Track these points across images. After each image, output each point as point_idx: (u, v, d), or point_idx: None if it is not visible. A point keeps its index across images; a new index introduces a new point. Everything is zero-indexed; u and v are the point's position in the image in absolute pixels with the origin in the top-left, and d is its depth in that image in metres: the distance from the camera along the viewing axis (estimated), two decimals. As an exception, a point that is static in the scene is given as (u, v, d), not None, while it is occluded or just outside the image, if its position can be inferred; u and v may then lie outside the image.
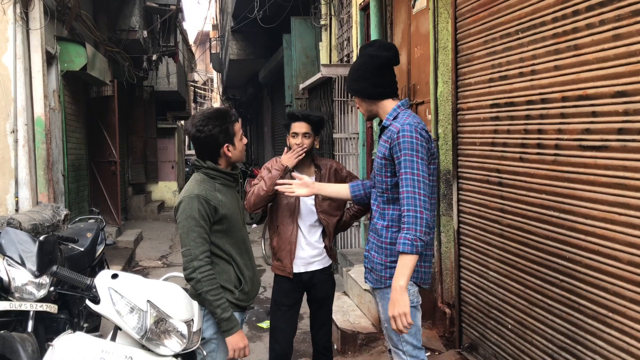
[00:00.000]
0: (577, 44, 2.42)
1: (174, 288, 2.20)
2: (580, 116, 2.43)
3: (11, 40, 5.84)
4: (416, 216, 2.19)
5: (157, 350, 2.05)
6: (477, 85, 3.33)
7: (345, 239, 6.36)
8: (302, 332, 4.89)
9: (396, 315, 2.15)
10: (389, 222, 2.40)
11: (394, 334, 2.37)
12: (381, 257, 2.40)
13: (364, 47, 2.56)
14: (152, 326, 2.02)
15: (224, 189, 2.43)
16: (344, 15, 6.84)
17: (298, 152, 2.94)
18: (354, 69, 2.51)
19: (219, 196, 2.37)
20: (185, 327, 2.08)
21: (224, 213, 2.35)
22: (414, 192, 2.21)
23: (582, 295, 2.45)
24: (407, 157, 2.24)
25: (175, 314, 2.07)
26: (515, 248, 2.98)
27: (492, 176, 3.18)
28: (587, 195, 2.40)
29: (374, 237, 2.46)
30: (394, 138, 2.28)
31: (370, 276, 2.48)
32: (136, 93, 13.11)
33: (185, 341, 2.09)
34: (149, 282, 2.18)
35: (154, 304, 2.04)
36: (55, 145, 6.75)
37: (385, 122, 2.41)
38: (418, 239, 2.17)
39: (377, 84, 2.44)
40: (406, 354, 2.40)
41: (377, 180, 2.43)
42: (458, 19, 3.54)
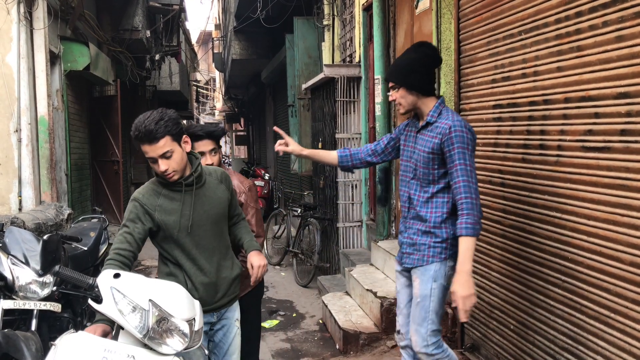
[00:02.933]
0: (580, 45, 2.43)
1: (175, 287, 2.21)
2: (582, 117, 2.43)
3: (15, 39, 5.86)
4: (473, 202, 2.44)
5: (159, 349, 2.06)
6: (479, 86, 3.34)
7: (347, 240, 6.37)
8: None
9: (465, 296, 2.38)
10: (433, 209, 2.61)
11: (424, 310, 2.58)
12: (426, 239, 2.62)
13: (418, 46, 2.76)
14: (155, 325, 2.03)
15: (173, 195, 2.33)
16: (346, 16, 6.85)
17: None
18: (408, 63, 2.66)
19: (158, 201, 2.31)
20: (187, 326, 2.09)
21: (160, 219, 2.30)
22: (469, 181, 2.46)
23: (584, 295, 2.46)
24: (460, 149, 2.48)
25: (177, 313, 2.08)
26: (517, 249, 2.98)
27: (495, 177, 3.19)
28: (590, 196, 2.41)
29: (416, 223, 2.67)
30: (446, 133, 2.50)
31: (410, 258, 2.68)
32: (139, 93, 13.14)
33: (187, 340, 2.10)
34: (151, 282, 2.19)
35: (156, 303, 2.04)
36: (58, 145, 6.77)
37: (430, 119, 2.62)
38: (477, 223, 2.44)
39: (429, 81, 2.66)
40: (427, 333, 2.59)
41: (422, 173, 2.62)
42: (461, 19, 3.55)
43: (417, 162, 2.65)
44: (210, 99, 36.78)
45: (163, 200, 2.32)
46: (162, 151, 2.21)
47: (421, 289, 2.60)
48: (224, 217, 2.48)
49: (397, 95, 2.68)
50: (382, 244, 5.02)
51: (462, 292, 2.38)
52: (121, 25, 9.89)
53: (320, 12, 7.77)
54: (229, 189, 2.53)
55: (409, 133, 2.79)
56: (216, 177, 2.50)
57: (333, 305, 4.82)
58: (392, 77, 2.72)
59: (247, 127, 23.30)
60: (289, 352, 4.43)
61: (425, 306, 2.56)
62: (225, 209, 2.48)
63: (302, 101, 8.38)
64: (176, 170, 2.26)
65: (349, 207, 6.37)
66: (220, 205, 2.45)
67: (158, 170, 2.25)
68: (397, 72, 2.69)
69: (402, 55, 2.76)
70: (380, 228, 5.29)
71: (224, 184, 2.51)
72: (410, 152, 2.72)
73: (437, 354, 2.59)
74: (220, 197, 2.45)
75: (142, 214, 2.29)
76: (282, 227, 8.04)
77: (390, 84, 2.73)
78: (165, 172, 2.24)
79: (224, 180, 2.52)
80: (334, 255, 6.58)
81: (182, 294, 2.18)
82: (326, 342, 4.60)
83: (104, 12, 9.47)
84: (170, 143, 2.22)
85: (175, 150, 2.24)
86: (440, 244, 2.57)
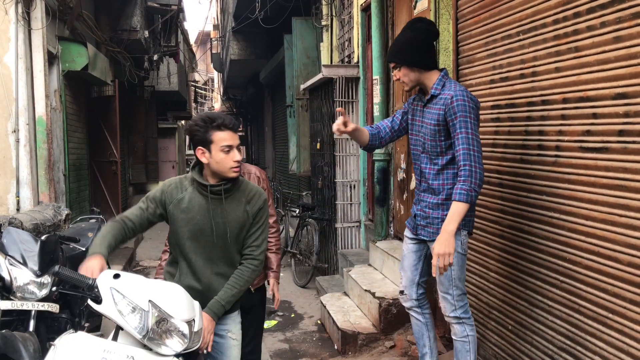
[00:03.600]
0: (578, 46, 2.43)
1: (175, 288, 2.21)
2: (580, 118, 2.44)
3: (13, 40, 5.84)
4: (472, 170, 2.53)
5: (159, 350, 2.06)
6: (478, 86, 3.34)
7: (345, 240, 6.37)
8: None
9: (442, 254, 2.51)
10: (444, 181, 2.71)
11: (447, 279, 2.71)
12: (438, 212, 2.72)
13: (414, 22, 2.85)
14: (154, 326, 2.03)
15: (196, 196, 2.36)
16: (345, 16, 6.85)
17: None
18: (407, 41, 2.74)
19: (179, 196, 2.37)
20: (186, 327, 2.09)
21: (172, 212, 2.36)
22: (469, 149, 2.55)
23: (582, 296, 2.46)
24: (462, 118, 2.57)
25: (176, 313, 2.08)
26: (515, 249, 2.99)
27: (493, 177, 3.19)
28: (588, 196, 2.41)
29: (428, 196, 2.77)
30: (448, 103, 2.60)
31: (425, 231, 2.80)
32: (137, 93, 13.12)
33: (186, 341, 2.10)
34: (150, 282, 2.19)
35: (155, 303, 2.04)
36: (56, 145, 6.76)
37: (435, 92, 2.70)
38: (473, 190, 2.53)
39: (429, 55, 2.75)
40: (454, 298, 2.73)
41: (430, 146, 2.72)
42: (459, 20, 3.55)
43: (425, 135, 2.75)
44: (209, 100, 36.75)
45: (185, 196, 2.37)
46: (238, 142, 2.36)
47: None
48: (234, 236, 2.39)
49: (400, 74, 2.78)
50: (380, 244, 5.02)
51: (439, 249, 2.52)
52: (119, 25, 9.87)
53: (319, 12, 7.77)
54: (252, 213, 2.41)
55: (416, 107, 2.89)
56: (246, 195, 2.42)
57: (331, 305, 4.82)
58: (392, 57, 2.81)
59: (245, 128, 23.28)
60: (288, 353, 4.43)
61: (448, 275, 2.70)
62: (238, 229, 2.38)
63: (300, 101, 8.38)
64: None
65: (347, 207, 6.38)
66: (235, 224, 2.37)
67: (232, 160, 2.30)
68: (396, 51, 2.78)
69: (399, 35, 2.86)
70: (378, 228, 5.30)
71: (249, 205, 2.41)
72: (419, 126, 2.83)
73: (465, 318, 2.76)
74: (238, 217, 2.37)
75: (159, 200, 2.37)
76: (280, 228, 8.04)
77: (392, 64, 2.82)
78: (238, 163, 2.33)
79: (252, 201, 2.42)
80: (332, 256, 6.58)
81: (181, 295, 2.18)
82: (324, 342, 4.59)
83: (102, 12, 9.46)
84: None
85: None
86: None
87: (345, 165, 6.36)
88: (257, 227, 2.43)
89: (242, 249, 2.44)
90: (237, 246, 2.42)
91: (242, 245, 2.43)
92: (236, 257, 2.44)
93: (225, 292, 2.38)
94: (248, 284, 2.44)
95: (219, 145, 2.29)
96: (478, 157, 2.56)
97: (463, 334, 2.77)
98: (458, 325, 2.78)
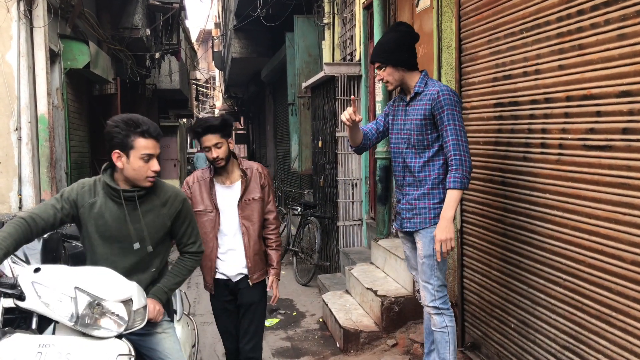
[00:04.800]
0: (582, 44, 2.42)
1: (104, 271, 2.17)
2: (584, 116, 2.43)
3: (15, 38, 5.85)
4: (462, 158, 2.69)
5: (97, 333, 2.03)
6: (480, 84, 3.33)
7: (347, 238, 6.37)
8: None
9: (443, 239, 2.66)
10: (430, 172, 2.83)
11: (429, 268, 2.83)
12: (424, 202, 2.84)
13: (397, 25, 3.03)
14: (86, 311, 2.01)
15: (108, 201, 2.28)
16: (347, 14, 6.84)
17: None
18: (392, 42, 2.86)
19: (91, 200, 2.29)
20: (122, 307, 2.06)
21: (83, 216, 2.28)
22: (458, 139, 2.71)
23: (586, 294, 2.46)
24: (449, 111, 2.72)
25: (108, 295, 2.05)
26: (518, 247, 2.98)
27: (496, 175, 3.18)
28: (591, 194, 2.40)
29: (413, 189, 2.88)
30: (435, 98, 2.75)
31: (411, 222, 2.89)
32: (139, 91, 13.12)
33: (125, 321, 2.07)
34: (76, 270, 2.16)
35: (82, 289, 2.02)
36: (58, 143, 6.76)
37: (418, 89, 2.86)
38: (465, 177, 2.68)
39: (412, 56, 2.89)
40: (434, 288, 2.84)
41: (417, 140, 2.84)
42: (462, 17, 3.54)
43: (410, 131, 2.87)
44: (210, 98, 36.75)
45: (97, 201, 2.29)
46: (159, 152, 2.30)
47: (424, 249, 2.84)
48: (153, 242, 2.34)
49: (385, 73, 2.89)
50: (382, 242, 5.02)
51: (440, 236, 2.67)
52: (121, 23, 9.88)
53: (321, 10, 7.76)
54: (170, 216, 2.37)
55: (397, 108, 3.03)
56: (161, 199, 2.36)
57: (333, 304, 4.82)
58: (377, 57, 2.91)
59: (246, 126, 23.29)
60: (289, 351, 4.43)
61: (431, 265, 2.82)
62: (156, 235, 2.34)
63: (302, 100, 8.37)
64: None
65: (349, 205, 6.37)
66: (152, 230, 2.32)
67: (150, 169, 2.25)
68: (381, 51, 2.88)
69: (383, 37, 3.00)
70: (380, 227, 5.29)
71: (165, 208, 2.36)
72: (401, 124, 2.95)
73: (444, 308, 2.86)
74: (155, 222, 2.33)
75: (73, 201, 2.27)
76: (282, 226, 8.04)
77: (377, 64, 2.92)
78: (155, 173, 2.28)
79: (168, 204, 2.37)
80: (334, 254, 6.58)
81: (112, 276, 2.15)
82: (326, 340, 4.59)
83: (103, 10, 9.46)
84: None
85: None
86: (438, 206, 2.80)
87: (347, 164, 6.36)
88: (184, 227, 2.43)
89: (166, 253, 2.45)
90: (157, 252, 2.38)
91: (164, 250, 2.42)
92: (154, 263, 2.39)
93: (168, 279, 2.42)
94: (190, 274, 2.51)
95: (139, 152, 2.20)
96: (466, 146, 2.73)
97: (442, 324, 2.87)
98: (437, 316, 2.87)
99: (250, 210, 3.02)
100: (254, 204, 3.03)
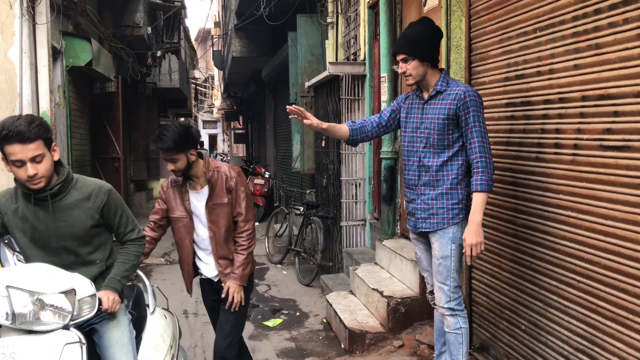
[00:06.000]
0: (599, 43, 2.40)
1: (39, 266, 2.16)
2: (601, 116, 2.40)
3: (17, 34, 5.80)
4: (487, 161, 2.67)
5: (39, 328, 2.02)
6: (491, 84, 3.31)
7: (350, 238, 6.34)
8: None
9: (474, 243, 2.64)
10: (449, 172, 2.79)
11: (445, 269, 2.80)
12: (442, 202, 2.80)
13: (426, 19, 2.91)
14: (23, 308, 1.99)
15: (28, 204, 2.26)
16: (351, 14, 6.81)
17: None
18: (422, 35, 2.79)
19: (13, 206, 2.27)
20: (63, 298, 2.05)
21: (9, 223, 2.27)
22: (483, 142, 2.69)
23: (600, 296, 2.43)
24: (475, 112, 2.70)
25: (45, 288, 2.04)
26: (529, 248, 2.96)
27: (507, 176, 3.16)
28: (607, 195, 2.38)
29: (430, 189, 2.83)
30: (461, 98, 2.71)
31: (427, 223, 2.86)
32: (139, 89, 13.07)
33: (69, 311, 2.05)
34: (7, 269, 2.17)
35: (15, 287, 2.00)
36: (60, 141, 6.71)
37: (440, 88, 2.81)
38: (491, 180, 2.67)
39: (437, 53, 2.85)
40: (450, 289, 2.82)
41: (437, 140, 2.79)
42: (472, 17, 3.52)
43: (429, 130, 2.82)
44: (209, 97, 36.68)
45: (19, 205, 2.27)
46: (34, 153, 2.11)
47: (441, 250, 2.82)
48: (79, 236, 2.31)
49: (409, 67, 2.81)
50: (387, 242, 4.99)
51: (470, 240, 2.64)
52: (122, 21, 9.83)
53: (324, 9, 7.72)
54: (97, 209, 2.33)
55: (412, 105, 2.95)
56: (83, 193, 2.31)
57: (338, 304, 4.79)
58: (404, 49, 2.82)
59: (245, 125, 23.23)
60: (294, 351, 4.40)
61: (447, 266, 2.80)
62: (84, 229, 2.30)
63: (304, 99, 8.34)
64: (44, 176, 2.16)
65: (352, 205, 6.34)
66: (79, 224, 2.29)
67: (25, 174, 2.12)
68: (410, 43, 2.81)
69: (409, 29, 2.90)
70: (385, 227, 5.26)
71: (89, 202, 2.31)
72: (417, 122, 2.90)
73: (458, 310, 2.84)
74: (80, 216, 2.29)
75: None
76: (283, 226, 8.00)
77: (401, 56, 2.84)
78: (33, 177, 2.13)
79: (92, 198, 2.32)
80: (336, 254, 6.55)
81: (48, 270, 2.14)
82: (331, 341, 4.56)
83: (105, 7, 9.41)
84: (42, 147, 2.13)
85: (46, 156, 2.16)
86: (457, 206, 2.78)
87: (350, 163, 6.33)
88: (117, 218, 2.40)
89: (106, 245, 2.43)
90: (95, 245, 2.37)
91: (102, 241, 2.40)
92: (95, 256, 2.37)
93: (117, 268, 2.40)
94: (137, 259, 2.47)
95: (8, 159, 2.13)
96: (489, 148, 2.71)
97: (456, 326, 2.85)
98: (451, 317, 2.85)
99: (215, 215, 2.98)
100: (220, 208, 2.98)
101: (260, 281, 6.79)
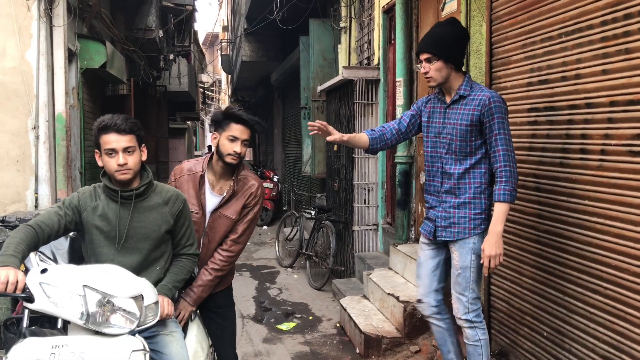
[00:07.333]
0: (629, 48, 2.39)
1: (112, 268, 2.16)
2: (630, 121, 2.39)
3: (35, 36, 5.84)
4: (512, 170, 2.60)
5: (108, 331, 2.02)
6: (513, 89, 3.30)
7: (362, 243, 6.32)
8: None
9: (493, 255, 2.57)
10: (471, 180, 2.71)
11: (464, 280, 2.73)
12: (464, 212, 2.72)
13: (452, 20, 2.85)
14: (96, 309, 1.99)
15: (110, 203, 2.31)
16: (364, 18, 6.82)
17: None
18: (449, 35, 2.71)
19: (93, 203, 2.31)
20: (132, 303, 2.05)
21: (87, 219, 2.29)
22: (508, 150, 2.61)
23: (629, 303, 2.41)
24: (500, 119, 2.61)
25: (117, 292, 2.04)
26: (552, 254, 2.94)
27: (529, 181, 3.14)
28: (637, 201, 2.36)
29: (451, 197, 2.75)
30: (486, 104, 2.62)
31: (447, 232, 2.77)
32: (149, 92, 13.13)
33: (137, 317, 2.05)
34: (83, 268, 2.14)
35: (91, 287, 2.00)
36: (73, 143, 6.74)
37: (464, 92, 2.71)
38: (514, 190, 2.59)
39: (463, 55, 2.79)
40: (468, 300, 2.74)
41: (459, 146, 2.71)
42: (494, 22, 3.51)
43: (451, 136, 2.73)
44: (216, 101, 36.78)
45: (99, 204, 2.31)
46: (126, 145, 2.24)
47: (461, 261, 2.73)
48: (153, 238, 2.34)
49: (433, 67, 2.70)
50: (401, 247, 4.97)
51: (490, 251, 2.57)
52: (135, 24, 9.89)
53: (337, 14, 7.74)
54: (173, 214, 2.37)
55: (433, 109, 2.85)
56: (163, 197, 2.38)
57: (352, 308, 4.77)
58: (430, 48, 2.70)
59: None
60: (309, 355, 4.38)
61: (466, 277, 2.72)
62: (158, 232, 2.34)
63: (316, 103, 8.35)
64: (132, 169, 2.27)
65: (364, 210, 6.33)
66: (154, 227, 2.33)
67: (115, 164, 2.22)
68: (436, 43, 2.70)
69: (437, 28, 2.80)
70: (399, 232, 5.25)
71: (167, 207, 2.37)
72: (439, 127, 2.80)
73: (477, 321, 2.76)
74: (157, 219, 2.33)
75: (75, 207, 2.31)
76: (294, 229, 8.00)
77: (425, 55, 2.72)
78: (123, 166, 2.24)
79: (170, 202, 2.38)
80: (348, 259, 6.53)
81: (121, 273, 2.14)
82: (345, 345, 4.55)
83: (118, 10, 9.46)
84: (134, 141, 2.27)
85: (136, 151, 2.29)
86: (479, 216, 2.70)
87: (362, 168, 6.32)
88: (184, 228, 2.44)
89: (170, 252, 2.44)
90: (162, 251, 2.39)
91: (168, 249, 2.43)
92: (159, 261, 2.39)
93: (170, 277, 2.42)
94: (189, 274, 2.50)
95: (103, 148, 2.26)
96: (514, 157, 2.63)
97: (475, 337, 2.78)
98: (470, 329, 2.78)
99: (217, 225, 2.70)
100: (224, 220, 2.70)
101: (272, 284, 6.78)
